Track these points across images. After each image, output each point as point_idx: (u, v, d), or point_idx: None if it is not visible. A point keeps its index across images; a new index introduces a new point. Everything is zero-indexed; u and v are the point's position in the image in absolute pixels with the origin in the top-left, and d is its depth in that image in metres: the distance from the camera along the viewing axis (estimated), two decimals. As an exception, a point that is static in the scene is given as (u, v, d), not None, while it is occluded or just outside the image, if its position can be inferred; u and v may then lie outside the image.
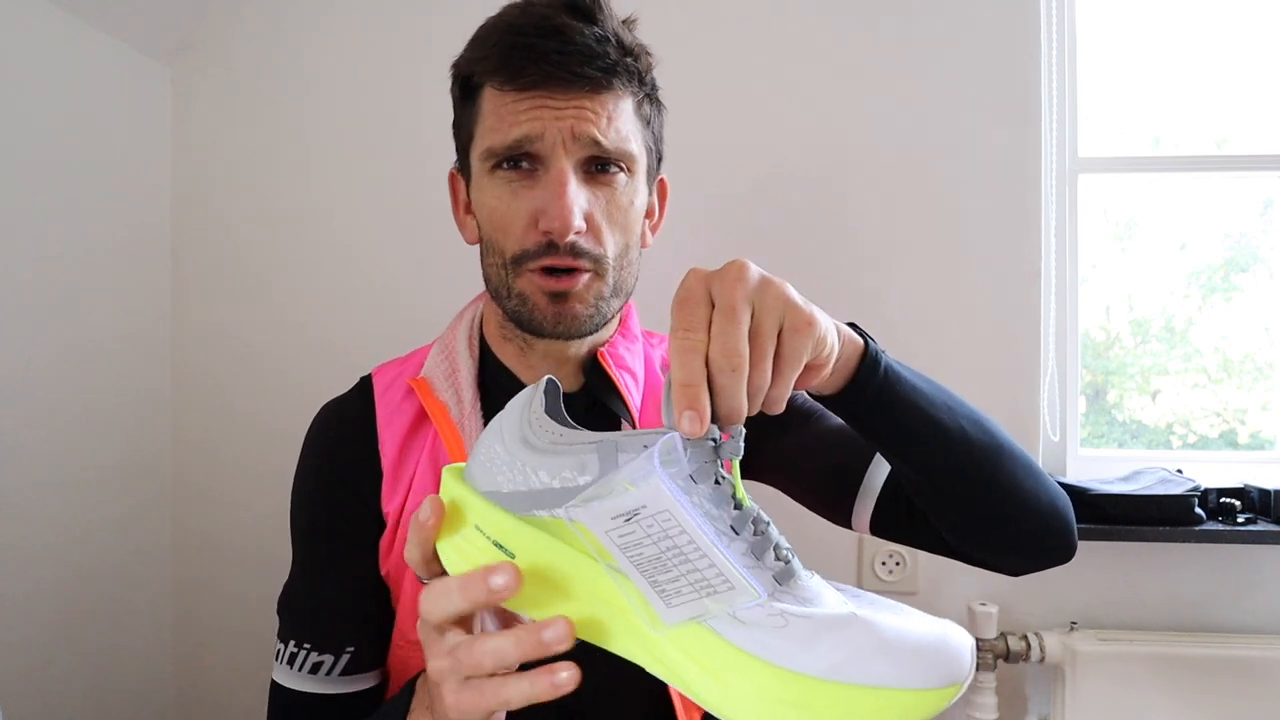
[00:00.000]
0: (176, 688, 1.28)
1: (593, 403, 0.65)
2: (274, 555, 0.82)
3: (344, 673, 0.60)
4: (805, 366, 0.41)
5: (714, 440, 0.35)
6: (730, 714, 0.33)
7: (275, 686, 0.61)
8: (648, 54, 0.61)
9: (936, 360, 1.19)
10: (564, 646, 0.36)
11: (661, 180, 0.68)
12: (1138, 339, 1.38)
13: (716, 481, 0.35)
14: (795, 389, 0.42)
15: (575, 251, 0.57)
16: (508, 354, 0.66)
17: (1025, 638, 1.12)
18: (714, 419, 0.36)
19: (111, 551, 1.16)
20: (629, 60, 0.58)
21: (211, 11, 1.26)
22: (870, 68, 1.20)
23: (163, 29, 1.22)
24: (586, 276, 0.59)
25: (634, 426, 0.64)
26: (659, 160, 0.66)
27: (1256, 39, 1.30)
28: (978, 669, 1.12)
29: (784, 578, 0.34)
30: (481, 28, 0.60)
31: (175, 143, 1.28)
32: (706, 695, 0.34)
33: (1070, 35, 1.26)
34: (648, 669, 0.36)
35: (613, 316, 0.64)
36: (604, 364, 0.64)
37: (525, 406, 0.39)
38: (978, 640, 1.12)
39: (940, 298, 1.20)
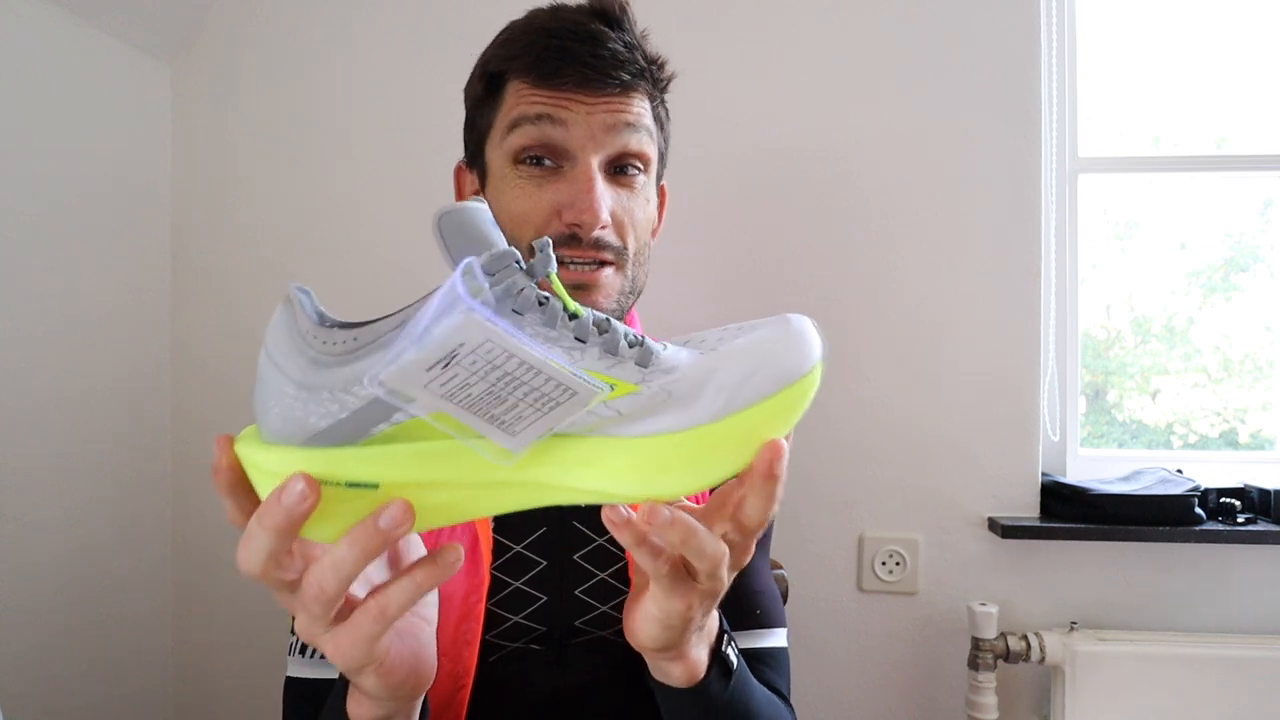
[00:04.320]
0: (177, 691, 1.28)
1: None
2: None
3: None
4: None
5: (519, 264, 0.33)
6: (623, 490, 0.34)
7: (289, 682, 0.61)
8: (666, 65, 0.63)
9: (937, 360, 1.20)
10: (406, 529, 0.32)
11: (662, 187, 0.69)
12: (1138, 338, 1.38)
13: (541, 303, 0.33)
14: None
15: (599, 245, 0.58)
16: None
17: (1025, 638, 1.12)
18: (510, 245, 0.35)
19: (111, 559, 1.16)
20: (653, 68, 0.61)
21: (212, 12, 1.26)
22: (870, 68, 1.20)
23: (163, 29, 1.22)
24: (610, 270, 0.60)
25: None
26: (664, 167, 0.68)
27: (1256, 39, 1.30)
28: (978, 669, 1.12)
29: (645, 359, 0.34)
30: (509, 28, 0.61)
31: (175, 143, 1.28)
32: (591, 485, 0.34)
33: (1070, 35, 1.26)
34: (524, 507, 0.35)
35: (626, 313, 0.64)
36: None
37: (290, 328, 0.34)
38: (979, 641, 1.13)
39: (940, 297, 1.20)
